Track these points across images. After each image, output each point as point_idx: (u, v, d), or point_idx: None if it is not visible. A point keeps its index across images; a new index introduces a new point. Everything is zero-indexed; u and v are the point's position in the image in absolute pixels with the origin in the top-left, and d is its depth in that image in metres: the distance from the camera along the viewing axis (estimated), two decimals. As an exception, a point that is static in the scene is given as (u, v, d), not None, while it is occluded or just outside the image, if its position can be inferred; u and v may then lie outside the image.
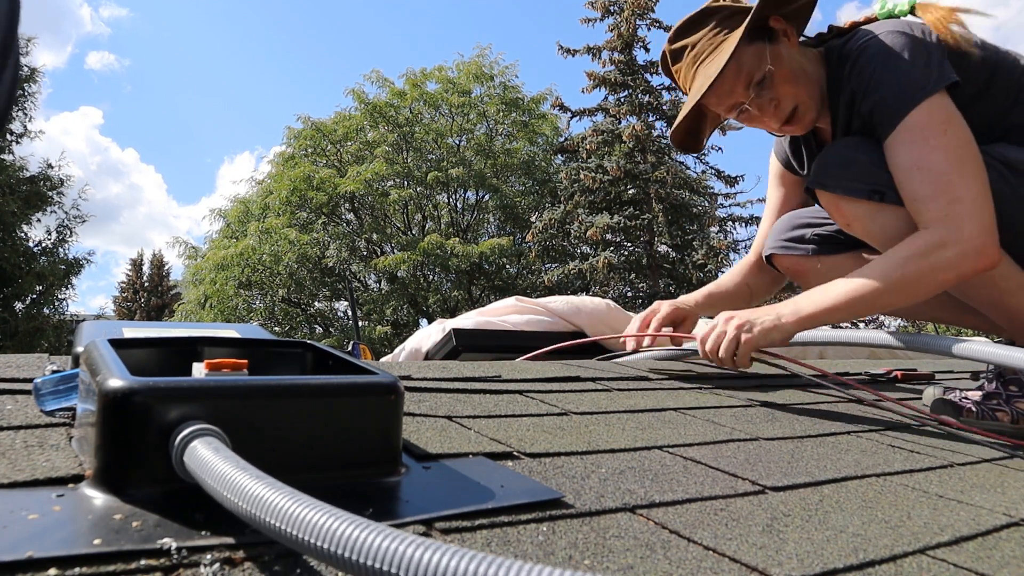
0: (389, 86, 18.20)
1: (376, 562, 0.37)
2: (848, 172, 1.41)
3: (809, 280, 1.72)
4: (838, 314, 1.33)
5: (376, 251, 17.85)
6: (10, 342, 12.93)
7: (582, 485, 0.72)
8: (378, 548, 0.38)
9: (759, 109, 1.48)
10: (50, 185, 14.05)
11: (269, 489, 0.44)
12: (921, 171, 1.29)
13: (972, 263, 1.26)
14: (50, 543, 0.46)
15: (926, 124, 1.30)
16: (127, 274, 34.09)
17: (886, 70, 1.34)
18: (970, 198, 1.26)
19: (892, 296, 1.29)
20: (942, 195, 1.27)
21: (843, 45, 1.44)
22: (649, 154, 15.95)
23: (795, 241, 1.72)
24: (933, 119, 1.30)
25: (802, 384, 1.60)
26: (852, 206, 1.42)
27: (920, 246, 1.28)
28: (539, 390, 1.23)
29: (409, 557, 0.36)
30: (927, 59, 1.32)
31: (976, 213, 1.26)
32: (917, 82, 1.31)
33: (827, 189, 1.44)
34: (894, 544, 0.65)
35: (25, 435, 0.68)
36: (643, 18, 16.65)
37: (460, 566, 0.35)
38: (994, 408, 1.33)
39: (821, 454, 0.98)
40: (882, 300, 1.30)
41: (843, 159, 1.43)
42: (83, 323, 0.96)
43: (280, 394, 0.61)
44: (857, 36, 1.41)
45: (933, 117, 1.30)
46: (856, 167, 1.40)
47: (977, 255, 1.26)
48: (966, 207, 1.26)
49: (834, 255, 1.67)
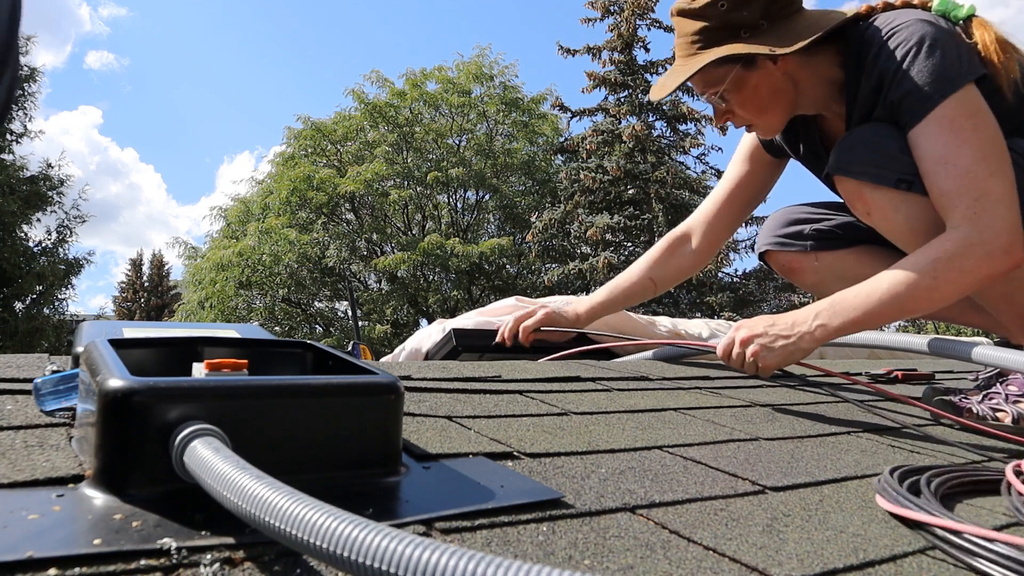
0: (389, 86, 18.21)
1: (376, 562, 0.37)
2: (875, 158, 1.37)
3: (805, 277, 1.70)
4: (867, 324, 1.29)
5: (376, 251, 17.85)
6: (10, 342, 12.92)
7: (582, 485, 0.72)
8: (378, 548, 0.38)
9: (717, 112, 1.51)
10: (50, 185, 14.04)
11: (269, 489, 0.44)
12: (948, 165, 1.26)
13: (999, 264, 1.24)
14: (50, 543, 0.46)
15: (955, 117, 1.27)
16: (127, 274, 34.11)
17: (918, 58, 1.30)
18: (996, 195, 1.24)
19: (921, 302, 1.26)
20: (968, 192, 1.24)
21: (864, 31, 1.39)
22: (649, 154, 15.95)
23: (792, 237, 1.69)
24: (962, 112, 1.27)
25: (802, 384, 1.60)
26: (877, 194, 1.37)
27: (948, 249, 1.24)
28: (539, 390, 1.23)
29: (409, 557, 0.36)
30: (958, 51, 1.30)
31: (1002, 211, 1.23)
32: (948, 73, 1.28)
33: (851, 175, 1.40)
34: (894, 544, 0.65)
35: (25, 435, 0.68)
36: (643, 18, 16.65)
37: (460, 566, 0.35)
38: (995, 408, 1.33)
39: (821, 454, 0.98)
40: (911, 306, 1.27)
41: (870, 144, 1.38)
42: (83, 323, 0.96)
43: (280, 394, 0.61)
44: (882, 21, 1.37)
45: (962, 110, 1.27)
46: (883, 154, 1.36)
47: (1004, 255, 1.23)
48: (992, 205, 1.23)
49: (833, 251, 1.65)
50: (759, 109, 1.48)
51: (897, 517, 0.72)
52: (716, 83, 1.45)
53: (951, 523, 0.64)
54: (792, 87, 1.46)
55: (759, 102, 1.46)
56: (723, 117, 1.52)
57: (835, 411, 1.33)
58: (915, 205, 1.34)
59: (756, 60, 1.42)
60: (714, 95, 1.46)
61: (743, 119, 1.51)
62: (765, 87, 1.45)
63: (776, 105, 1.48)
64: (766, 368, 1.32)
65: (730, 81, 1.43)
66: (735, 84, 1.44)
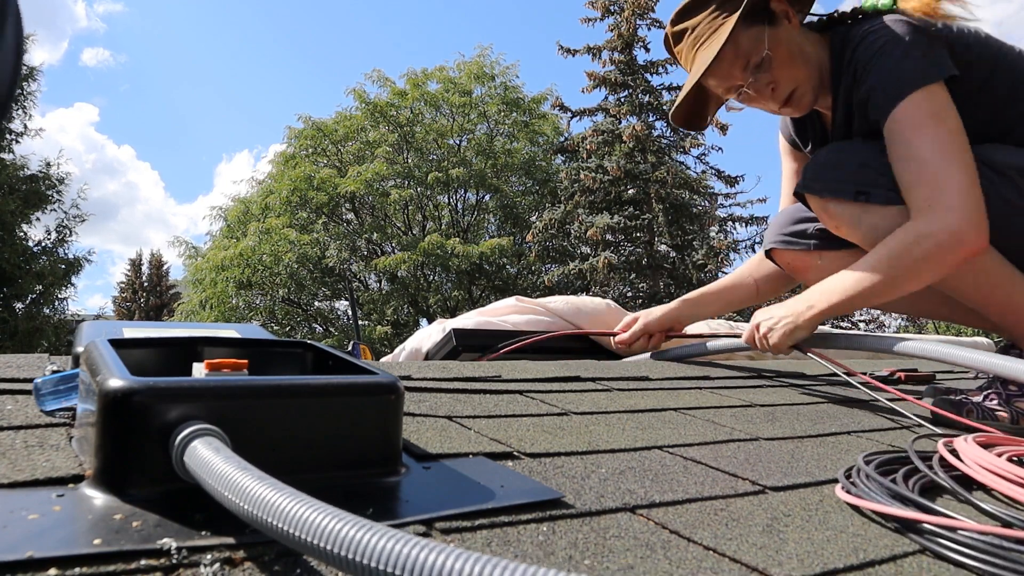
0: (390, 86, 18.19)
1: (377, 563, 0.37)
2: (835, 173, 1.44)
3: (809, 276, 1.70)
4: (840, 309, 1.39)
5: (376, 251, 17.84)
6: (10, 342, 12.92)
7: (582, 485, 0.72)
8: (379, 549, 0.38)
9: (756, 92, 1.51)
10: (49, 184, 14.03)
11: (271, 489, 0.44)
12: (909, 160, 1.33)
13: (952, 252, 1.29)
14: (50, 543, 0.46)
15: (914, 115, 1.32)
16: (126, 274, 34.08)
17: (883, 58, 1.36)
18: (954, 188, 1.29)
19: (883, 288, 1.34)
20: (926, 184, 1.31)
21: (848, 30, 1.45)
22: (649, 154, 15.94)
23: (796, 236, 1.70)
24: (922, 110, 1.32)
25: (803, 384, 1.60)
26: (839, 208, 1.44)
27: (902, 238, 1.32)
28: (539, 390, 1.23)
29: (407, 557, 0.36)
30: (925, 50, 1.34)
31: (959, 202, 1.28)
32: (910, 73, 1.33)
33: (814, 192, 1.47)
34: (894, 544, 0.65)
35: (25, 435, 0.68)
36: (643, 18, 16.64)
37: (458, 567, 0.35)
38: (994, 408, 1.33)
39: (821, 454, 0.98)
40: (875, 294, 1.35)
41: (831, 162, 1.46)
42: (83, 323, 0.96)
43: (280, 394, 0.61)
44: (863, 22, 1.42)
45: (922, 108, 1.32)
46: (842, 169, 1.43)
47: (957, 244, 1.28)
48: (948, 197, 1.29)
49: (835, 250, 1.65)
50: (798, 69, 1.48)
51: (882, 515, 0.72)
52: (755, 48, 1.45)
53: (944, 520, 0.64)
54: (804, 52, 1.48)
55: (795, 61, 1.47)
56: (765, 91, 1.50)
57: (835, 411, 1.33)
58: (875, 215, 1.40)
59: (775, 16, 1.45)
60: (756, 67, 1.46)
61: (787, 82, 1.49)
62: (794, 45, 1.47)
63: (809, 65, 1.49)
64: (776, 346, 1.45)
65: (768, 40, 1.44)
66: (772, 43, 1.45)
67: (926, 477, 0.80)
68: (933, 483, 0.80)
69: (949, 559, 0.62)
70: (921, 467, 0.81)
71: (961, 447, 0.87)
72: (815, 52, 1.49)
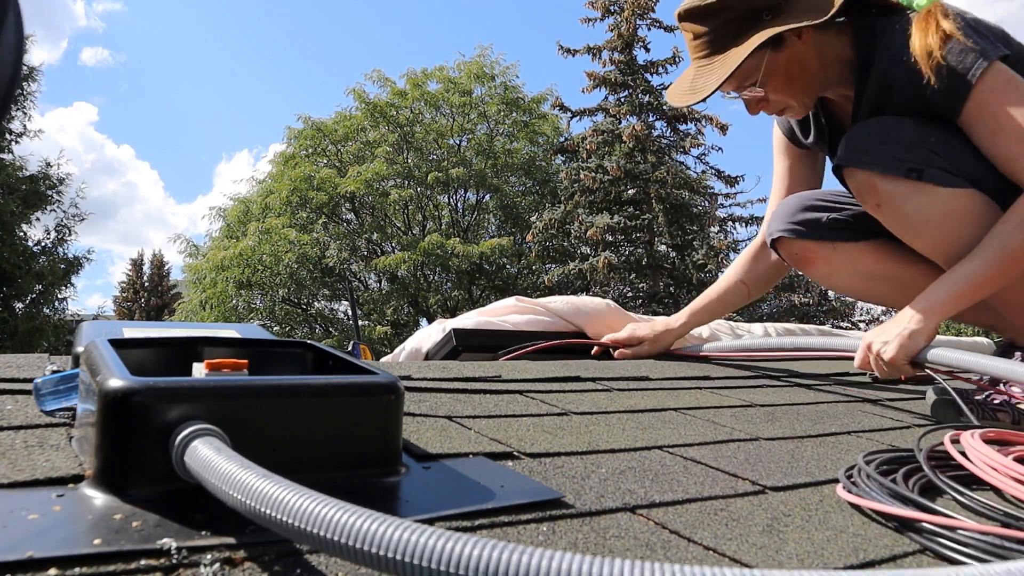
0: (390, 86, 18.18)
1: (389, 552, 0.38)
2: (885, 148, 1.37)
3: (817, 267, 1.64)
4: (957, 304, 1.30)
5: (376, 251, 17.84)
6: (10, 342, 12.91)
7: (582, 485, 0.72)
8: (391, 538, 0.38)
9: (748, 102, 1.52)
10: (49, 184, 14.03)
11: (276, 485, 0.44)
12: (1004, 132, 1.29)
13: None
14: (50, 543, 0.46)
15: (993, 88, 1.29)
16: (127, 274, 34.08)
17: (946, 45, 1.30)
18: None
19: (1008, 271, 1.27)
20: None
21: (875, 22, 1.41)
22: (649, 154, 15.94)
23: (807, 225, 1.63)
24: (998, 81, 1.29)
25: (802, 384, 1.60)
26: (887, 184, 1.37)
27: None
28: (539, 390, 1.23)
29: (419, 544, 0.37)
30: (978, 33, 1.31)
31: None
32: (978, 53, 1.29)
33: (861, 166, 1.39)
34: (894, 544, 0.65)
35: (25, 435, 0.68)
36: (643, 18, 16.63)
37: (474, 553, 0.35)
38: (995, 409, 1.33)
39: (821, 454, 0.98)
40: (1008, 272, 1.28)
41: (879, 135, 1.39)
42: (83, 323, 0.96)
43: (280, 394, 0.61)
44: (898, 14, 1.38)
45: (998, 80, 1.29)
46: (893, 143, 1.36)
47: None
48: None
49: (850, 242, 1.60)
50: (793, 89, 1.48)
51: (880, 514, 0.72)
52: (751, 75, 1.44)
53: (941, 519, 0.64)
54: (817, 59, 1.46)
55: (792, 81, 1.46)
56: (757, 107, 1.51)
57: (835, 411, 1.33)
58: (925, 196, 1.34)
59: (782, 39, 1.42)
60: (750, 87, 1.46)
61: (778, 103, 1.50)
62: (795, 65, 1.45)
63: (807, 81, 1.48)
64: (892, 361, 1.31)
65: (765, 67, 1.43)
66: (769, 70, 1.44)
67: (927, 477, 0.80)
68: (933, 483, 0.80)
69: (949, 559, 0.62)
70: (924, 467, 0.81)
71: (968, 444, 0.87)
72: (832, 51, 1.46)
